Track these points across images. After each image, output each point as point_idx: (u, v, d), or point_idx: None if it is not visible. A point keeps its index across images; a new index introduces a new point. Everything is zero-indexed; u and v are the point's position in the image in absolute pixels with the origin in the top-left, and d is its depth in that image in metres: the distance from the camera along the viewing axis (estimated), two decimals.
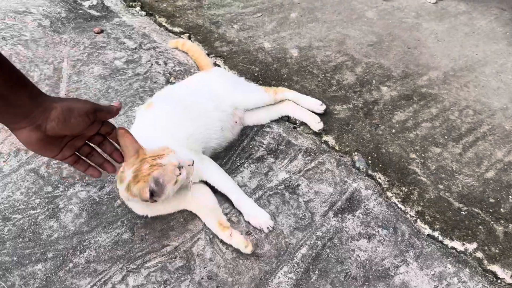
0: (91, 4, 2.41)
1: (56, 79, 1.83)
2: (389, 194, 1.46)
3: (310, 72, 1.96)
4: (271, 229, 1.31)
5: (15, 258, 1.20)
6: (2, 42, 2.02)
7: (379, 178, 1.51)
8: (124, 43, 2.11)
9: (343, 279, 1.20)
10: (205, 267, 1.21)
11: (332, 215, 1.37)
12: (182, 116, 1.43)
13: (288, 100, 1.71)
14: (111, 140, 1.02)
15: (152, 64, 1.98)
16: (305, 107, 1.70)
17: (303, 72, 1.96)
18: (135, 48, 2.08)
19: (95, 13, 2.34)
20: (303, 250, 1.27)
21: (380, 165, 1.55)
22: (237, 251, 1.24)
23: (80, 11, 2.34)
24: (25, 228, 1.28)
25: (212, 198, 1.36)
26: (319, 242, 1.29)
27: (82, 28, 2.19)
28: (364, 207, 1.41)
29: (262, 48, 2.11)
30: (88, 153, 0.99)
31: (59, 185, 1.40)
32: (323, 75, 1.95)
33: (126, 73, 1.91)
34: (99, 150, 1.01)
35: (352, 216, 1.38)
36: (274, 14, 2.41)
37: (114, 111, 0.95)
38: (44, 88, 1.78)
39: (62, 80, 1.83)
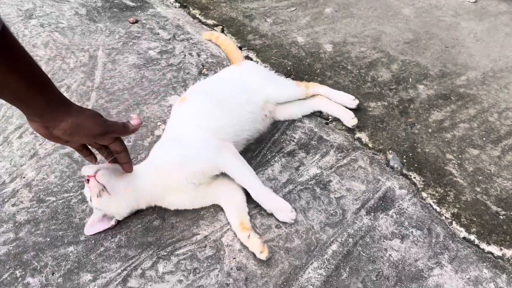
0: None
1: (91, 67, 1.86)
2: (424, 194, 1.41)
3: (344, 67, 1.93)
4: (293, 221, 1.29)
5: (48, 239, 1.22)
6: (40, 29, 2.06)
7: (414, 178, 1.47)
8: (158, 33, 2.12)
9: (374, 278, 1.17)
10: (235, 258, 1.20)
11: (365, 213, 1.34)
12: (214, 109, 1.42)
13: (320, 95, 1.68)
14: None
15: (185, 55, 1.98)
16: (337, 102, 1.67)
17: (336, 67, 1.93)
18: (169, 39, 2.08)
19: (130, 3, 2.36)
20: (334, 246, 1.25)
21: (416, 165, 1.51)
22: (267, 244, 1.23)
23: (116, 1, 2.37)
24: (59, 210, 1.30)
25: (239, 195, 1.33)
26: (350, 240, 1.27)
27: (117, 18, 2.21)
28: (398, 206, 1.37)
29: (296, 43, 2.09)
30: None
31: None
32: (357, 71, 1.92)
33: (160, 63, 1.92)
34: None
35: (385, 215, 1.34)
36: (308, 8, 2.38)
37: (129, 131, 0.98)
38: (79, 74, 1.81)
39: (97, 68, 1.85)
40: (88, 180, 1.13)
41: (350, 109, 1.65)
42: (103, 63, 1.89)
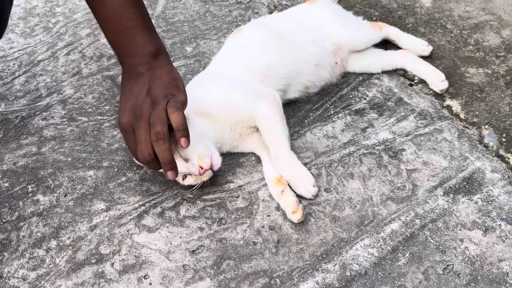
0: None
1: None
2: None
3: (443, 26, 1.60)
4: (313, 197, 1.02)
5: (69, 159, 1.10)
6: None
7: None
8: None
9: (441, 272, 0.91)
10: (269, 216, 1.00)
11: (442, 193, 1.06)
12: (268, 44, 1.22)
13: (406, 50, 1.42)
14: None
15: None
16: (405, 47, 1.44)
17: (433, 24, 1.61)
18: None
19: None
20: (395, 225, 0.99)
21: None
22: (310, 207, 1.01)
23: None
24: (88, 132, 1.18)
25: None
26: (417, 221, 1.00)
27: None
28: (486, 192, 1.07)
29: None
30: None
31: None
32: (458, 31, 1.58)
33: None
34: None
35: (468, 199, 1.05)
36: None
37: None
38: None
39: None
40: None
41: (424, 57, 1.42)
42: None
